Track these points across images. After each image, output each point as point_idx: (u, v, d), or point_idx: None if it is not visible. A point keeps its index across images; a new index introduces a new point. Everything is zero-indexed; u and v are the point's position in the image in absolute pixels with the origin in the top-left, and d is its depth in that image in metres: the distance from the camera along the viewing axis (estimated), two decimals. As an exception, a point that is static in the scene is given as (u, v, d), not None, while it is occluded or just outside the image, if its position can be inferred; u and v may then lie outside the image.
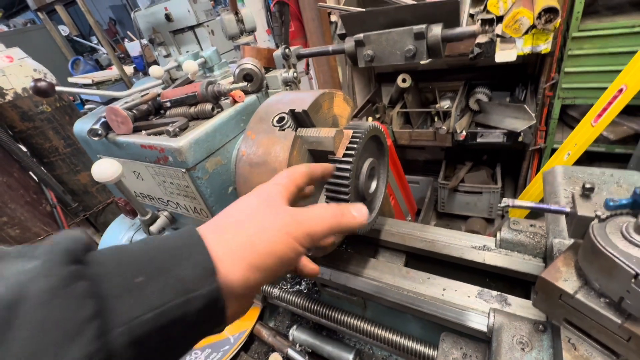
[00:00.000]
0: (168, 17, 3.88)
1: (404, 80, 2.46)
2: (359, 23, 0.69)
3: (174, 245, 0.31)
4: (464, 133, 2.18)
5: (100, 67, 5.75)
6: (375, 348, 0.87)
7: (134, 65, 5.15)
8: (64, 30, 5.36)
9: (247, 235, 0.34)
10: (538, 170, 2.28)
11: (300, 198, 0.47)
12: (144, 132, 0.73)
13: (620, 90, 1.52)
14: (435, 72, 2.78)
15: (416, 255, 0.81)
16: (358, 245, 0.87)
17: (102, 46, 3.53)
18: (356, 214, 0.42)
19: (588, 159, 2.28)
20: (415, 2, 0.65)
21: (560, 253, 0.48)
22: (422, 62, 2.29)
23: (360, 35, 0.68)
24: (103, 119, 0.76)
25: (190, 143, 0.64)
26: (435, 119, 2.49)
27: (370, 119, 2.62)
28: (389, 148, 2.04)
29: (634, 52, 1.54)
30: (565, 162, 1.81)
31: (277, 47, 2.54)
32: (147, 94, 0.78)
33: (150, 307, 0.26)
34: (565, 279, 0.44)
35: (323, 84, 2.57)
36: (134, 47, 5.16)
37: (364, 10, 0.69)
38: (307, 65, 2.78)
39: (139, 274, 0.27)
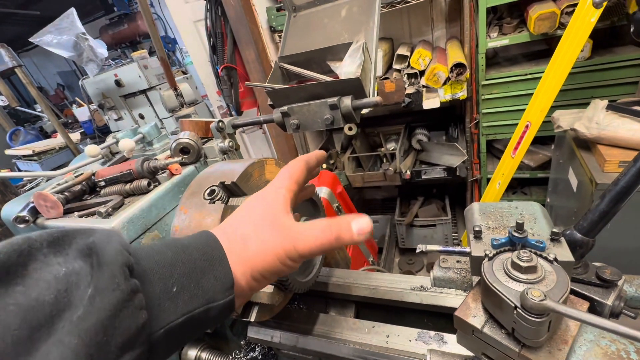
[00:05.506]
0: (118, 83, 3.92)
1: (350, 129, 2.65)
2: (283, 97, 0.78)
3: (201, 255, 0.38)
4: (409, 172, 2.35)
5: (45, 135, 5.49)
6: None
7: (82, 130, 5.00)
8: (3, 100, 5.14)
9: (251, 253, 0.41)
10: (480, 198, 2.49)
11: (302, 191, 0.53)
12: (76, 213, 0.72)
13: (527, 126, 1.78)
14: (378, 117, 3.04)
15: (365, 304, 0.83)
16: (309, 299, 0.87)
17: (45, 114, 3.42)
18: (356, 229, 0.41)
19: (519, 184, 2.55)
20: (328, 80, 0.76)
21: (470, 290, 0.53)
22: (362, 112, 2.51)
23: (285, 108, 0.76)
24: (32, 204, 0.74)
25: (124, 222, 0.64)
26: (384, 161, 2.67)
27: (324, 165, 2.73)
28: (342, 193, 2.09)
29: (531, 94, 1.84)
30: (497, 190, 2.01)
31: (228, 107, 2.60)
32: (81, 174, 0.78)
33: (182, 313, 0.34)
34: (474, 315, 0.49)
35: (276, 137, 2.68)
36: (82, 113, 5.05)
37: (286, 87, 0.78)
38: (259, 120, 2.91)
39: (174, 283, 0.35)
